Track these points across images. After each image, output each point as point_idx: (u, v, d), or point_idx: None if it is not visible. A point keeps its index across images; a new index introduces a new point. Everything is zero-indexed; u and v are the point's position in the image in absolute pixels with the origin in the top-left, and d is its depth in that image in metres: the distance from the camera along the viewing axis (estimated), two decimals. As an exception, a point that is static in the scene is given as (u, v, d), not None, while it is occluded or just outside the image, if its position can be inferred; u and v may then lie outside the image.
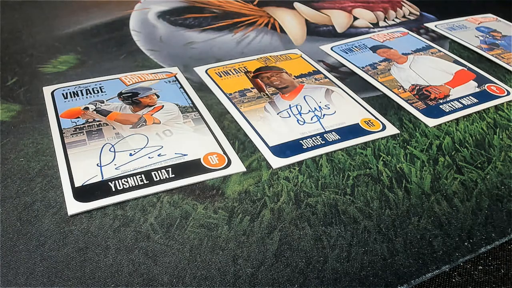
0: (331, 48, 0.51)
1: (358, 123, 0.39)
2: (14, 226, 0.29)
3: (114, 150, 0.35)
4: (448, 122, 0.40)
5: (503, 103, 0.43)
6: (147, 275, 0.27)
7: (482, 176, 0.35)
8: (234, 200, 0.32)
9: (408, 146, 0.37)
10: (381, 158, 0.36)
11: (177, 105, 0.40)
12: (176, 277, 0.27)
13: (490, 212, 0.32)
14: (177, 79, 0.44)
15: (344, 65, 0.48)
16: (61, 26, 0.53)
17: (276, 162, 0.35)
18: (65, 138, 0.36)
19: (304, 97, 0.42)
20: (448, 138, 0.38)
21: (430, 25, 0.57)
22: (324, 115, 0.40)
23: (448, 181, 0.34)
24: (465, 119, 0.41)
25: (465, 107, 0.42)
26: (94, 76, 0.43)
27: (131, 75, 0.44)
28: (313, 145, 0.36)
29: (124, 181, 0.32)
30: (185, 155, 0.35)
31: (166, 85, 0.43)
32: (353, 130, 0.38)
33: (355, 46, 0.51)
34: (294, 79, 0.44)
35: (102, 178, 0.32)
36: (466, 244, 0.30)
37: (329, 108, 0.41)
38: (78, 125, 0.37)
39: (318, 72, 0.46)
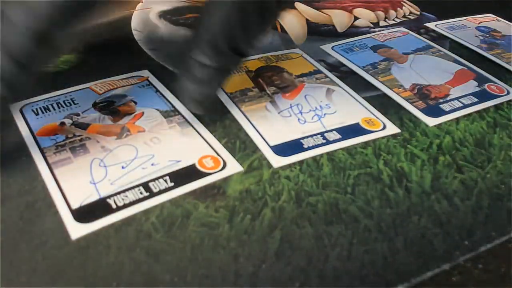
0: (332, 48, 0.51)
1: (358, 122, 0.39)
2: (16, 225, 0.29)
3: (105, 164, 0.33)
4: (448, 121, 0.40)
5: (503, 103, 0.43)
6: (148, 274, 0.27)
7: (482, 175, 0.35)
8: (235, 199, 0.32)
9: (408, 145, 0.37)
10: (381, 157, 0.36)
11: (158, 110, 0.39)
12: (178, 275, 0.27)
13: (490, 211, 0.32)
14: (150, 83, 0.42)
15: (344, 65, 0.48)
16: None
17: (277, 161, 0.35)
18: (48, 158, 0.33)
19: (305, 96, 0.42)
20: (449, 137, 0.38)
21: (430, 25, 0.57)
22: (325, 114, 0.40)
23: (448, 180, 0.34)
24: (465, 118, 0.41)
25: (465, 106, 0.42)
26: (99, 74, 0.43)
27: (101, 83, 0.41)
28: (314, 144, 0.36)
29: (124, 196, 0.31)
30: (179, 161, 0.34)
31: (140, 90, 0.41)
32: (354, 129, 0.38)
33: (356, 46, 0.51)
34: (295, 78, 0.44)
35: (100, 196, 0.31)
36: (466, 242, 0.30)
37: (330, 107, 0.41)
38: (59, 142, 0.34)
39: (319, 71, 0.46)
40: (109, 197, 0.31)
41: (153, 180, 0.32)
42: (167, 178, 0.32)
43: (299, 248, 0.29)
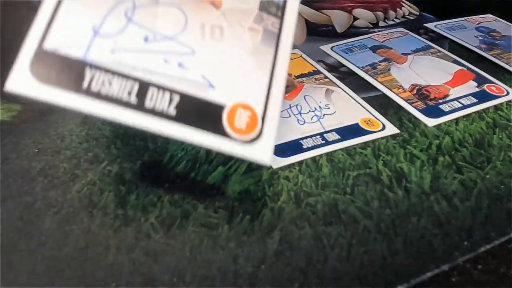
0: (331, 48, 0.51)
1: (358, 123, 0.39)
2: (15, 225, 0.29)
3: (131, 16, 0.22)
4: (447, 121, 0.40)
5: (502, 103, 0.43)
6: (147, 274, 0.27)
7: (482, 175, 0.35)
8: (235, 200, 0.32)
9: (407, 146, 0.37)
10: (381, 157, 0.36)
11: None
12: (177, 276, 0.27)
13: (489, 212, 0.32)
14: None
15: (344, 65, 0.48)
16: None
17: (276, 161, 0.35)
18: None
19: (304, 97, 0.42)
20: (448, 138, 0.38)
21: (430, 25, 0.57)
22: (324, 114, 0.40)
23: (448, 180, 0.34)
24: (464, 118, 0.41)
25: (464, 107, 0.42)
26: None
27: None
28: (313, 145, 0.36)
29: (107, 79, 0.21)
30: (210, 86, 0.22)
31: None
32: (353, 130, 0.38)
33: (355, 46, 0.51)
34: (294, 79, 0.44)
35: (84, 56, 0.21)
36: (465, 243, 0.30)
37: (329, 108, 0.41)
38: None
39: (318, 72, 0.46)
40: (90, 65, 0.21)
41: (157, 87, 0.21)
42: (173, 99, 0.21)
43: (298, 248, 0.29)
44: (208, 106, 0.21)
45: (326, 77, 0.45)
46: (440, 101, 0.43)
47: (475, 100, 0.43)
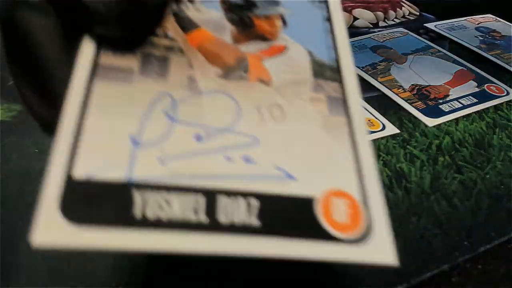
0: (331, 48, 0.51)
1: (358, 123, 0.39)
2: (15, 225, 0.29)
3: (174, 115, 0.17)
4: (447, 121, 0.40)
5: (502, 103, 0.43)
6: (147, 274, 0.27)
7: (482, 175, 0.35)
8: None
9: (407, 146, 0.37)
10: (380, 157, 0.36)
11: (310, 54, 0.21)
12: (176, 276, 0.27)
13: (489, 212, 0.32)
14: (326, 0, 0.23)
15: (344, 65, 0.48)
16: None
17: (276, 161, 0.34)
18: (101, 55, 0.18)
19: (304, 97, 0.42)
20: (448, 138, 0.38)
21: (430, 25, 0.57)
22: (324, 115, 0.40)
23: (448, 180, 0.34)
24: (464, 118, 0.41)
25: (464, 107, 0.42)
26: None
27: None
28: (313, 145, 0.36)
29: (163, 199, 0.15)
30: (290, 177, 0.17)
31: (306, 5, 0.23)
32: (353, 130, 0.38)
33: (355, 46, 0.51)
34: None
35: (128, 177, 0.16)
36: (465, 243, 0.30)
37: (329, 108, 0.41)
38: None
39: (318, 72, 0.46)
40: (139, 187, 0.15)
41: (230, 195, 0.16)
42: (254, 204, 0.16)
43: (298, 248, 0.29)
44: (295, 203, 0.16)
45: (326, 77, 0.45)
46: (440, 101, 0.43)
47: (475, 100, 0.43)
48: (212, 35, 0.20)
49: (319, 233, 0.16)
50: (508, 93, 0.45)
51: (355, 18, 0.57)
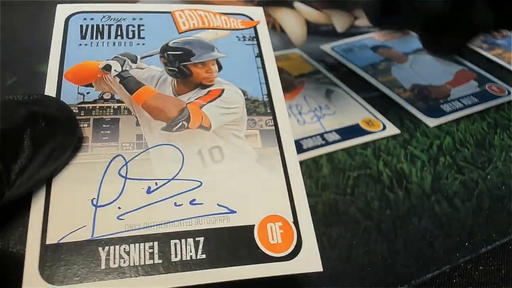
0: (332, 48, 0.51)
1: (358, 123, 0.39)
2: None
3: (125, 173, 0.20)
4: (448, 122, 0.40)
5: (504, 103, 0.43)
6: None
7: (483, 176, 0.35)
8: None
9: (408, 146, 0.37)
10: (381, 158, 0.36)
11: (244, 93, 0.24)
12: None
13: (490, 212, 0.32)
14: (256, 36, 0.26)
15: (344, 65, 0.48)
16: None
17: (276, 162, 0.34)
18: None
19: (304, 97, 0.42)
20: (449, 138, 0.38)
21: (431, 25, 0.57)
22: (324, 115, 0.40)
23: (449, 181, 0.34)
24: (465, 119, 0.41)
25: (465, 107, 0.42)
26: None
27: (190, 10, 0.26)
28: (313, 145, 0.36)
29: (122, 249, 0.18)
30: (231, 212, 0.20)
31: (237, 44, 0.25)
32: (353, 130, 0.38)
33: (356, 46, 0.51)
34: (294, 79, 0.44)
35: (91, 235, 0.19)
36: (466, 244, 0.30)
37: (329, 108, 0.41)
38: (85, 103, 0.21)
39: (319, 72, 0.46)
40: (102, 242, 0.19)
41: (179, 236, 0.19)
42: (199, 241, 0.19)
43: (298, 249, 0.29)
44: (236, 233, 0.19)
45: (326, 77, 0.45)
46: (441, 101, 0.43)
47: (476, 100, 0.43)
48: (155, 91, 0.23)
49: (257, 255, 0.19)
50: (509, 93, 0.44)
51: (356, 18, 0.57)
